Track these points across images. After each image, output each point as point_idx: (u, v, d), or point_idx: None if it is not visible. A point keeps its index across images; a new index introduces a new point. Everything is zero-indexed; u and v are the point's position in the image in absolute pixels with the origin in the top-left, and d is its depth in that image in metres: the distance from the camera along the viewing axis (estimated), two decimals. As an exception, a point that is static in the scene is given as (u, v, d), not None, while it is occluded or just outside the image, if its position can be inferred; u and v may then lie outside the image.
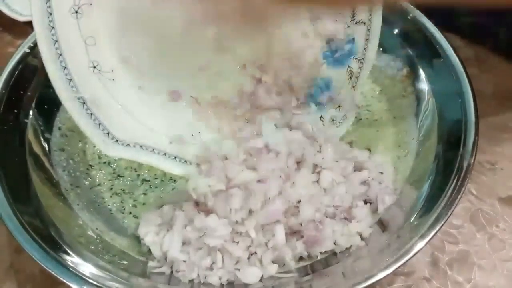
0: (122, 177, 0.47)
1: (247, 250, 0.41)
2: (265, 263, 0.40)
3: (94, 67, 0.41)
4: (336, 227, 0.42)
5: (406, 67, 0.51)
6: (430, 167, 0.44)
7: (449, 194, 0.40)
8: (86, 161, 0.48)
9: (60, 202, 0.44)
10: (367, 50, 0.47)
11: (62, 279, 0.36)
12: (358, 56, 0.47)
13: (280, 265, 0.41)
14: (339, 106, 0.49)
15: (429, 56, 0.49)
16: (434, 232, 0.38)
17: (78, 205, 0.44)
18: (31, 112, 0.46)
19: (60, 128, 0.48)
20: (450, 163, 0.42)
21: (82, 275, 0.37)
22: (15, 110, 0.45)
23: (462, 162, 0.41)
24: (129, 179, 0.47)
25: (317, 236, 0.41)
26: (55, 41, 0.38)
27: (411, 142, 0.48)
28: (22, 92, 0.46)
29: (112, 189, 0.47)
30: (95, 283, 0.36)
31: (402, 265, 0.37)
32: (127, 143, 0.43)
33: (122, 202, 0.46)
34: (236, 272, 0.40)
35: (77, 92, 0.40)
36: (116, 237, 0.43)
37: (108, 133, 0.42)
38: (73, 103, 0.40)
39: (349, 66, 0.48)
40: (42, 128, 0.47)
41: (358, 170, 0.45)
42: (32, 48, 0.47)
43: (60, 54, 0.38)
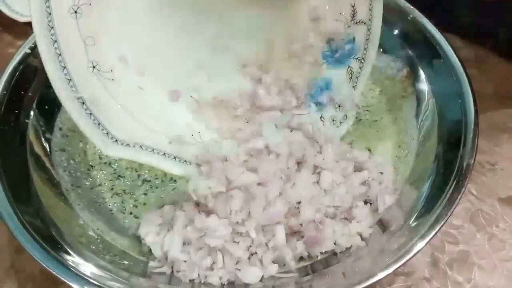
0: (122, 177, 0.47)
1: (248, 250, 0.41)
2: (265, 263, 0.40)
3: (94, 67, 0.41)
4: (336, 227, 0.42)
5: (406, 68, 0.51)
6: (430, 168, 0.44)
7: (449, 195, 0.40)
8: (87, 161, 0.48)
9: (61, 202, 0.44)
10: (368, 50, 0.47)
11: (63, 279, 0.36)
12: (358, 56, 0.47)
13: (280, 265, 0.41)
14: (339, 106, 0.49)
15: (429, 56, 0.49)
16: (434, 232, 0.38)
17: (79, 205, 0.44)
18: (32, 112, 0.46)
19: (61, 128, 0.48)
20: (450, 164, 0.42)
21: (83, 275, 0.37)
22: (16, 111, 0.45)
23: (462, 162, 0.41)
24: (129, 179, 0.47)
25: (317, 236, 0.41)
26: (54, 41, 0.38)
27: (411, 142, 0.48)
28: (23, 92, 0.46)
29: (113, 189, 0.47)
30: (96, 283, 0.36)
31: (402, 265, 0.37)
32: (127, 143, 0.43)
33: (122, 202, 0.46)
34: (236, 272, 0.40)
35: (76, 92, 0.40)
36: (116, 237, 0.43)
37: (107, 133, 0.42)
38: (72, 103, 0.40)
39: (349, 66, 0.48)
40: (43, 128, 0.47)
41: (358, 170, 0.45)
42: (32, 48, 0.47)
43: (59, 54, 0.38)
